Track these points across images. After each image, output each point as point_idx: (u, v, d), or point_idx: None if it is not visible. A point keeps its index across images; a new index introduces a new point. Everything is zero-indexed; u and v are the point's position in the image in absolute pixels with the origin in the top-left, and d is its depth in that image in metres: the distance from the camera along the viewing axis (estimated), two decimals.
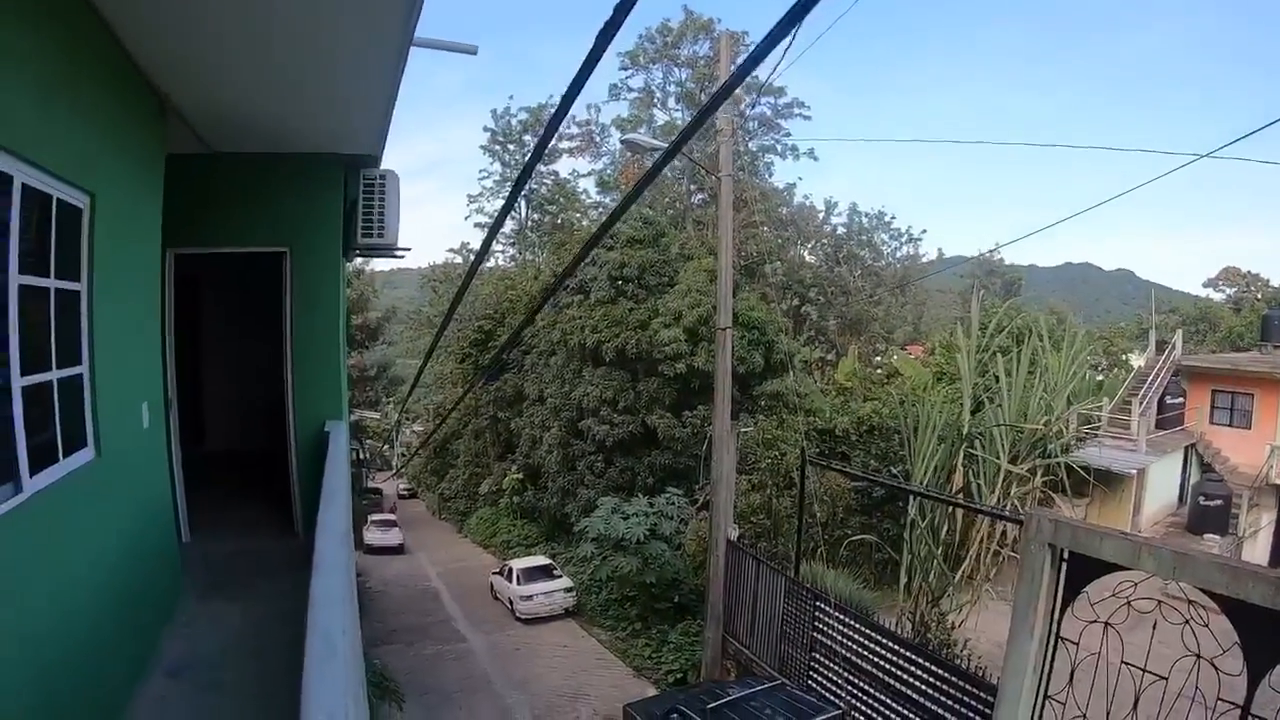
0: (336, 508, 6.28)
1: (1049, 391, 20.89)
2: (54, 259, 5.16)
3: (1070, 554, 10.57)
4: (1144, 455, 29.01)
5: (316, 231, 10.06)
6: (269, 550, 9.68)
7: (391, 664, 20.57)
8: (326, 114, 8.47)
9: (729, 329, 17.14)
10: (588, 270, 32.99)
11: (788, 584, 16.16)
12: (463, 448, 49.81)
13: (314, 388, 10.12)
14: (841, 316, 53.98)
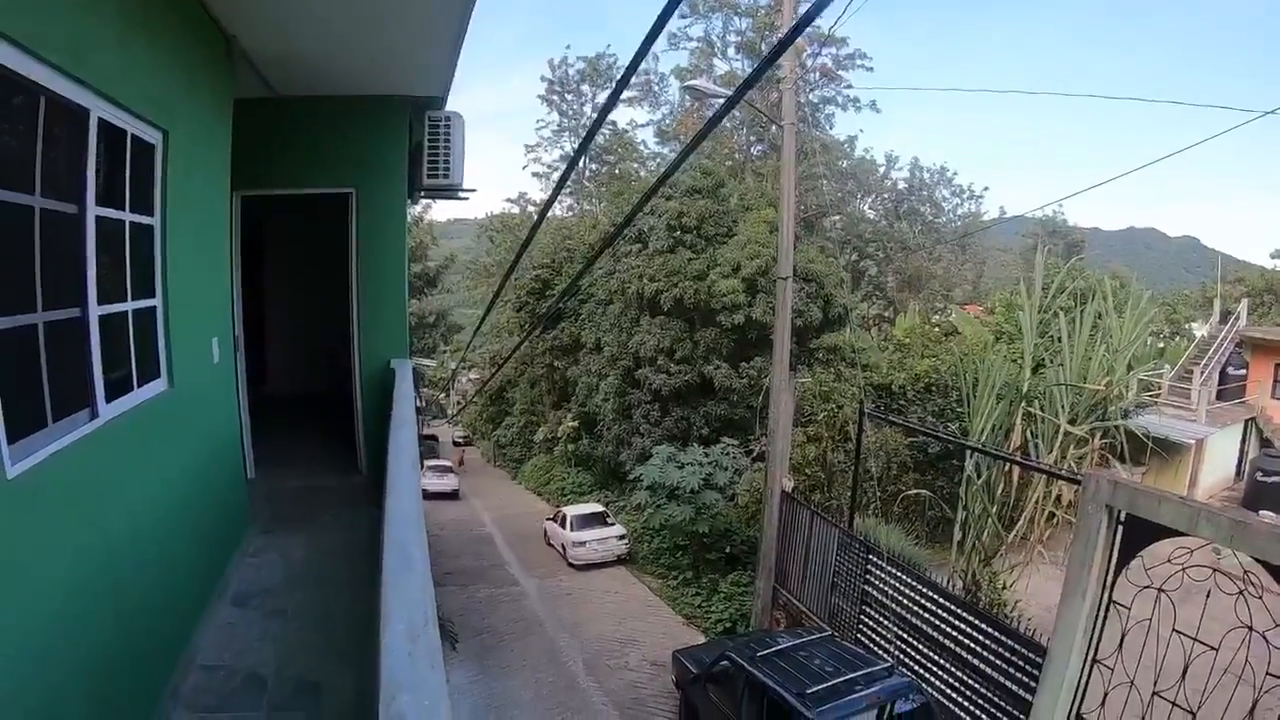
0: (406, 434, 6.43)
1: (1111, 354, 20.61)
2: (128, 193, 5.27)
3: (1127, 517, 10.49)
4: (1203, 426, 28.61)
5: (382, 173, 10.18)
6: (332, 487, 9.91)
7: (446, 605, 20.88)
8: (394, 54, 8.50)
9: (789, 279, 17.06)
10: (646, 220, 32.85)
11: (841, 536, 16.21)
12: (518, 396, 50.11)
13: (378, 327, 10.30)
14: (900, 273, 53.53)
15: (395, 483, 5.21)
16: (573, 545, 26.73)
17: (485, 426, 58.11)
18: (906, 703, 11.47)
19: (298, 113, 9.59)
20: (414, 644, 2.99)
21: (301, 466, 10.55)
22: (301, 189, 10.08)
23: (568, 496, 36.54)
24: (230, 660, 5.99)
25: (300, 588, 7.12)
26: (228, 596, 6.88)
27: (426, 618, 3.25)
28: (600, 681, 17.31)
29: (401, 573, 3.72)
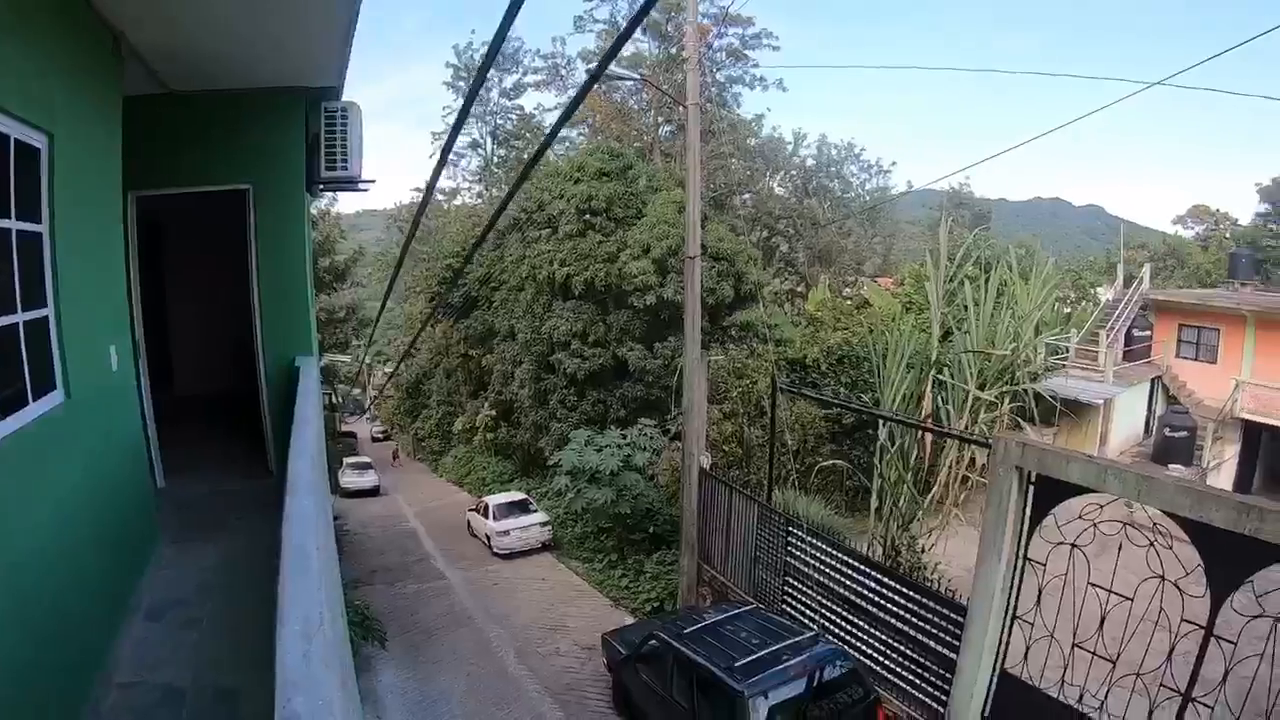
0: (308, 433, 6.32)
1: (1017, 320, 21.05)
2: (14, 201, 5.09)
3: (1037, 477, 10.76)
4: (1111, 386, 29.55)
5: (279, 167, 9.95)
6: (243, 490, 9.70)
7: (374, 603, 20.65)
8: (285, 44, 8.30)
9: (698, 258, 17.10)
10: (555, 204, 32.83)
11: (761, 510, 16.32)
12: (435, 387, 49.78)
13: (282, 324, 10.07)
14: (811, 248, 53.97)
15: (294, 482, 5.13)
16: (496, 535, 26.61)
17: (403, 420, 57.65)
18: (834, 669, 11.60)
19: (191, 109, 9.31)
20: (309, 644, 2.96)
21: (212, 471, 10.31)
22: (197, 187, 9.77)
23: (489, 486, 36.54)
24: (147, 675, 5.86)
25: (213, 597, 6.98)
26: (141, 610, 6.71)
27: (323, 616, 3.21)
28: (533, 669, 17.25)
29: (298, 573, 3.65)
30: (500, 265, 37.83)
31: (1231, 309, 31.47)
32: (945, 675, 12.26)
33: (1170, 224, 74.00)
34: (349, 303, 54.02)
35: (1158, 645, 9.64)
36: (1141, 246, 64.39)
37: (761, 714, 10.70)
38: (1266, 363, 30.00)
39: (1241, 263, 39.71)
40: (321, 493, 5.45)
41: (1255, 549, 8.40)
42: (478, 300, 40.29)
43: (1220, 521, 8.66)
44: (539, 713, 15.32)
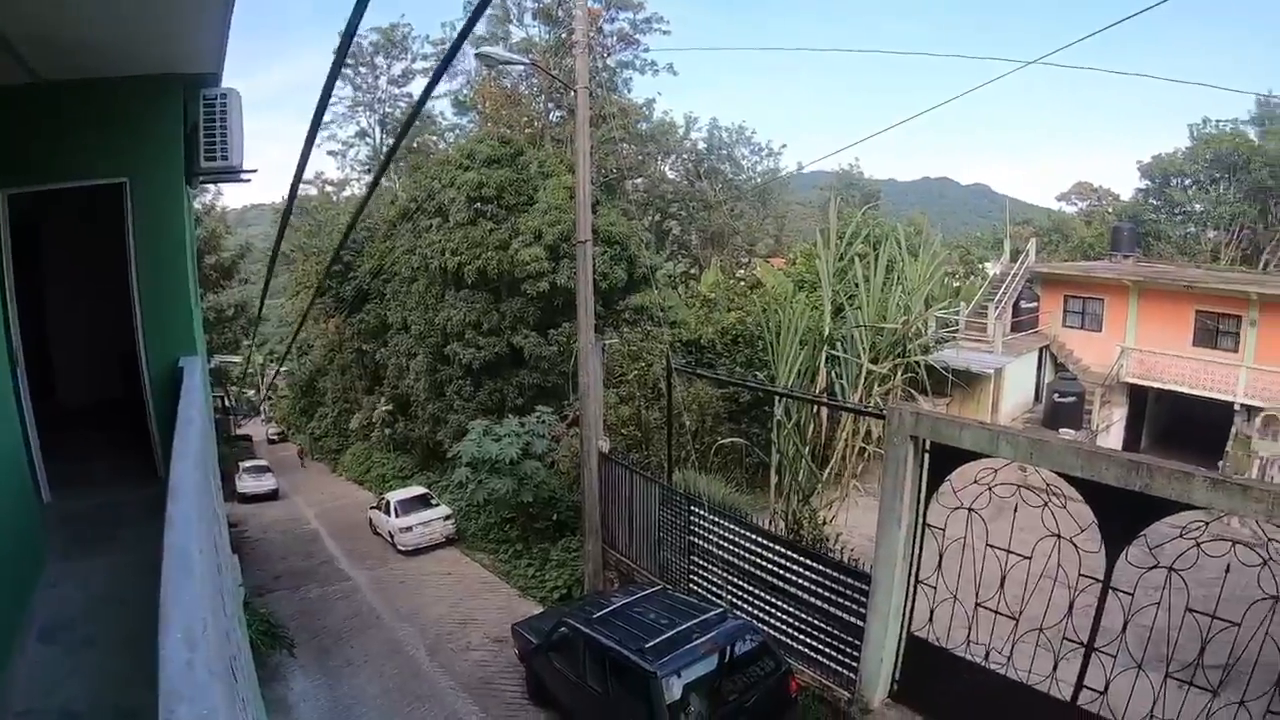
0: (191, 433, 6.09)
1: (907, 294, 21.45)
2: None
3: (932, 445, 11.00)
4: (1000, 356, 30.37)
5: (157, 159, 9.46)
6: (132, 500, 9.29)
7: (279, 610, 20.35)
8: (160, 27, 7.91)
9: (589, 241, 17.02)
10: (446, 192, 32.42)
11: (662, 492, 16.39)
12: (329, 384, 48.93)
13: (165, 323, 9.59)
14: (703, 231, 54.23)
15: (177, 486, 4.90)
16: (399, 531, 26.24)
17: (299, 420, 56.50)
18: (745, 644, 11.76)
19: (63, 98, 8.84)
20: (193, 652, 2.83)
21: (99, 482, 9.85)
22: (71, 182, 9.26)
23: (390, 482, 35.96)
24: (42, 702, 5.56)
25: (108, 613, 6.68)
26: (34, 632, 6.40)
27: (206, 623, 3.07)
28: (445, 666, 17.07)
29: (180, 578, 3.49)
30: (391, 256, 37.22)
31: (1115, 280, 32.83)
32: (854, 642, 12.49)
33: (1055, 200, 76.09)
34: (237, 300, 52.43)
35: (1058, 601, 9.97)
36: (1027, 222, 66.26)
37: (675, 693, 10.75)
38: (1149, 329, 31.36)
39: (1124, 236, 41.13)
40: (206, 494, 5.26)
41: (1146, 504, 8.76)
42: (369, 293, 39.63)
43: (1112, 479, 8.97)
44: (454, 710, 15.14)
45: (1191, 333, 30.32)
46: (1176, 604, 8.67)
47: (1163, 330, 30.85)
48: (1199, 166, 53.94)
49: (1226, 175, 52.29)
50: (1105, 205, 66.76)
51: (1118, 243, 40.54)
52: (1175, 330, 30.54)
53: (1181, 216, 57.11)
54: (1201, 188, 54.95)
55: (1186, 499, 8.54)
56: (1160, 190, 57.08)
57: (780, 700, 11.74)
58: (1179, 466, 8.71)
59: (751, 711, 11.22)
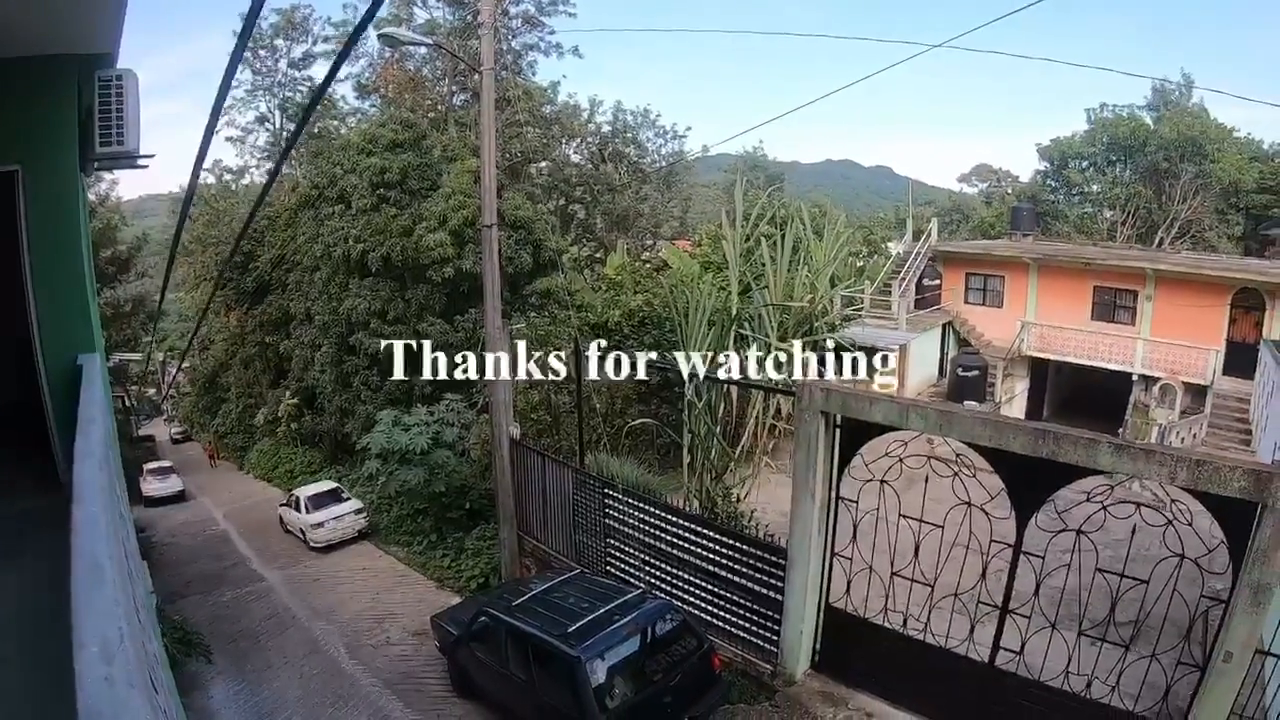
0: (93, 433, 5.80)
1: (812, 273, 21.62)
2: None
3: (843, 419, 11.12)
4: (905, 333, 30.94)
5: (49, 145, 8.92)
6: (35, 508, 8.87)
7: (192, 616, 19.83)
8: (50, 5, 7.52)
9: (494, 226, 16.78)
10: (348, 179, 31.81)
11: (575, 475, 16.29)
12: (233, 379, 47.65)
13: (62, 320, 9.08)
14: (608, 214, 54.10)
15: (80, 489, 4.65)
16: (311, 528, 25.74)
17: (203, 418, 55.15)
18: (665, 623, 11.78)
19: None
20: (110, 665, 2.65)
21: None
22: None
23: (299, 478, 35.34)
24: None
25: (19, 630, 6.35)
26: None
27: (122, 633, 2.87)
28: (365, 663, 16.79)
29: (90, 588, 3.27)
30: (293, 245, 36.44)
31: (1015, 257, 33.82)
32: (774, 616, 12.61)
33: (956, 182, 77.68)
34: (135, 295, 50.89)
35: (971, 567, 10.18)
36: (929, 203, 67.59)
37: (600, 676, 10.75)
38: (1048, 304, 32.54)
39: (1023, 215, 42.13)
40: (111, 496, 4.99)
41: (1053, 470, 9.02)
42: (271, 284, 38.79)
43: (1019, 448, 9.22)
44: (379, 707, 14.90)
45: (1090, 307, 31.55)
46: (1086, 566, 8.95)
47: (1062, 305, 31.96)
48: (1096, 149, 55.71)
49: (1123, 158, 54.11)
50: (1005, 186, 68.61)
51: (1017, 222, 41.56)
52: (1074, 305, 31.68)
53: (1079, 197, 59.01)
54: (1099, 170, 56.74)
55: (1093, 464, 8.79)
56: (1058, 172, 58.77)
57: (703, 677, 11.76)
58: (1085, 433, 8.96)
59: (676, 690, 11.23)
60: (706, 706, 11.68)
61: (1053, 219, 55.09)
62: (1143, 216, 52.36)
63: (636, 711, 10.88)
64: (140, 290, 53.18)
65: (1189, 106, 52.79)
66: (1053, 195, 58.98)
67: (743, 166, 71.57)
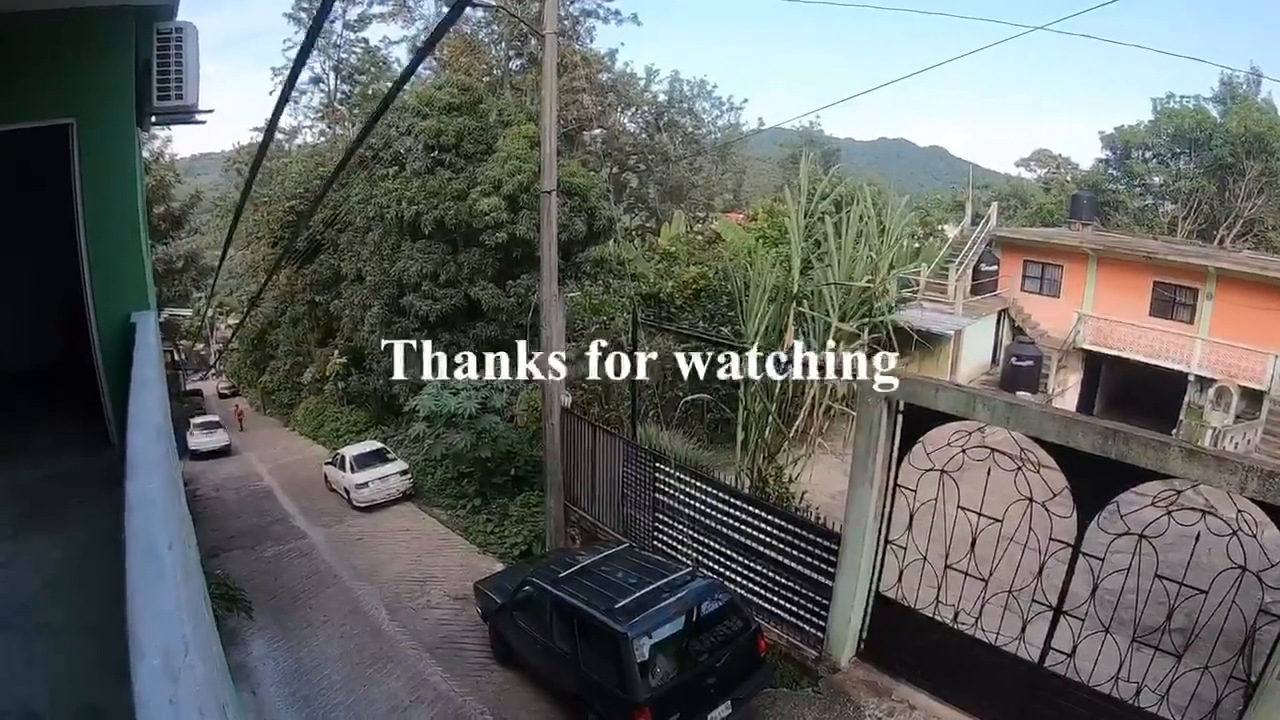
0: (148, 397, 5.60)
1: (875, 254, 21.21)
2: None
3: (906, 406, 10.84)
4: (960, 318, 30.66)
5: (106, 98, 8.72)
6: (83, 470, 8.72)
7: (234, 571, 19.92)
8: None
9: (554, 192, 16.54)
10: (403, 140, 31.69)
11: (626, 447, 16.16)
12: (281, 337, 47.92)
13: (115, 277, 8.95)
14: (661, 184, 53.79)
15: (135, 459, 4.38)
16: (355, 487, 25.74)
17: (250, 374, 55.58)
18: (713, 603, 11.61)
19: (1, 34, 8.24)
20: (175, 684, 2.37)
21: (46, 451, 9.24)
22: (11, 124, 8.60)
23: (344, 437, 35.55)
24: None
25: (63, 597, 6.16)
26: None
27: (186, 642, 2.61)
28: (405, 625, 16.75)
29: (148, 584, 3.00)
30: (346, 206, 36.42)
31: (1075, 247, 33.11)
32: (822, 601, 12.44)
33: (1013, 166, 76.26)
34: (187, 252, 51.28)
35: (1026, 565, 9.94)
36: (985, 186, 66.29)
37: (645, 653, 10.62)
38: (1106, 297, 31.80)
39: (1083, 204, 41.36)
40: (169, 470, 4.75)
41: (1120, 471, 8.72)
42: (323, 244, 38.84)
43: (1087, 446, 8.95)
44: (417, 670, 14.83)
45: (1149, 303, 30.77)
46: (1145, 571, 8.68)
47: (1120, 299, 31.25)
48: (1161, 140, 54.04)
49: (1187, 151, 52.47)
50: (1064, 174, 67.01)
51: (1077, 211, 40.82)
52: (1133, 300, 30.95)
53: (1140, 189, 57.38)
54: (1162, 161, 55.16)
55: (1162, 468, 8.49)
56: (1121, 161, 57.22)
57: (749, 660, 11.60)
58: (1156, 436, 8.69)
59: (720, 671, 11.08)
60: (750, 689, 11.55)
61: (1112, 209, 53.83)
62: (1204, 212, 50.93)
63: (680, 691, 10.75)
64: (192, 247, 53.50)
65: (1256, 100, 51.33)
66: (1114, 185, 57.44)
67: (798, 142, 70.85)
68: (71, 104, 8.41)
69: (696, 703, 10.85)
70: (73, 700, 5.03)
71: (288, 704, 14.15)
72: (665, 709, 10.50)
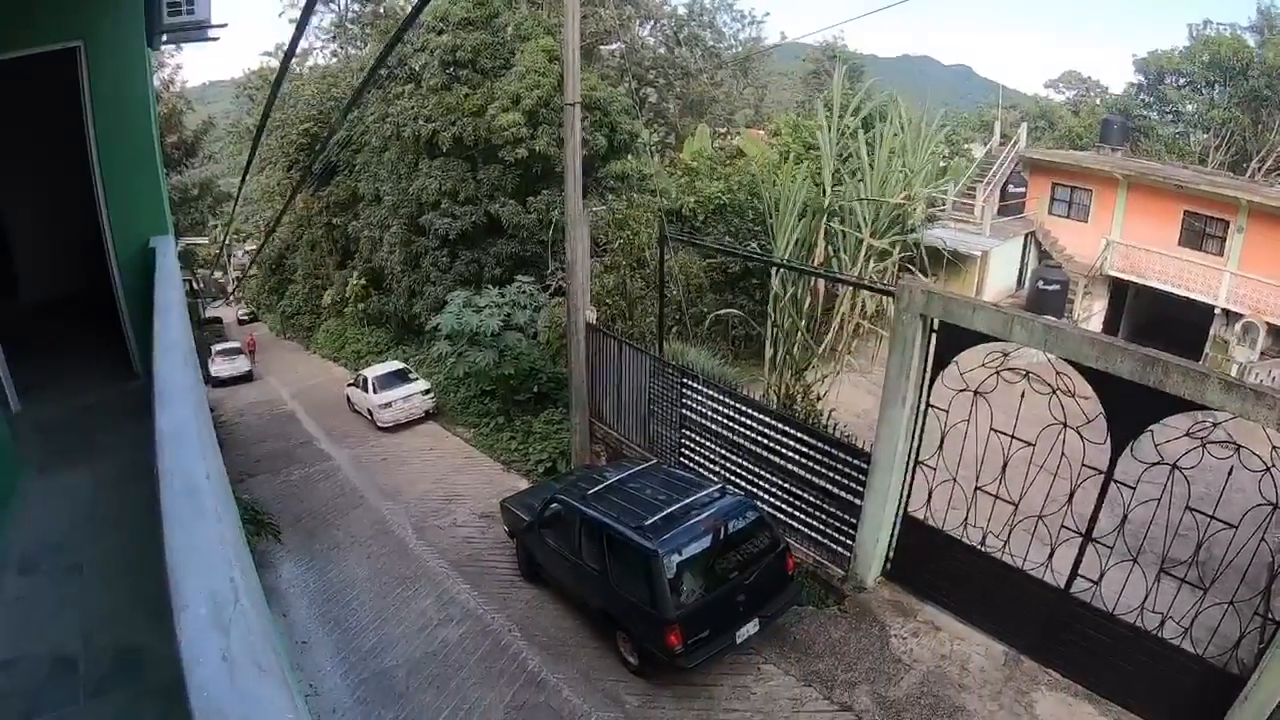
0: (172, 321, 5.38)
1: (908, 171, 20.82)
2: None
3: (941, 324, 10.63)
4: (988, 239, 30.38)
5: (113, 18, 8.23)
6: (109, 400, 8.55)
7: (261, 495, 20.05)
8: None
9: (577, 105, 16.12)
10: (418, 57, 31.11)
11: (652, 363, 15.96)
12: (300, 260, 47.81)
13: (131, 202, 8.67)
14: (682, 99, 52.97)
15: (164, 387, 4.17)
16: (378, 408, 25.86)
17: (269, 299, 55.51)
18: (742, 520, 11.55)
19: None
20: (226, 636, 2.07)
21: (72, 383, 9.03)
22: (15, 50, 8.00)
23: (365, 358, 35.55)
24: (30, 645, 4.90)
25: (92, 534, 6.00)
26: (12, 564, 5.64)
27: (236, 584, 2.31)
28: (432, 544, 16.87)
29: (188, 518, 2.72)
30: (361, 126, 35.94)
31: (1106, 172, 32.26)
32: (849, 520, 12.37)
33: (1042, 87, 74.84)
34: (202, 179, 50.79)
35: (1057, 491, 9.90)
36: (1012, 107, 65.06)
37: (674, 570, 10.63)
38: (1135, 224, 31.18)
39: (1114, 128, 40.38)
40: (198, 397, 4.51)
41: (1157, 400, 8.57)
42: (338, 165, 38.43)
43: (1125, 373, 8.76)
44: (445, 588, 14.96)
45: (1178, 232, 30.12)
46: (1175, 502, 8.54)
47: (1149, 227, 30.61)
48: (1195, 68, 52.46)
49: (1222, 80, 51.02)
50: (1094, 97, 65.62)
51: (1107, 135, 39.80)
52: (1162, 228, 30.30)
53: (1172, 116, 56.04)
54: (1195, 89, 53.61)
55: (1199, 399, 8.33)
56: (1153, 87, 55.68)
57: (777, 577, 11.60)
58: (1194, 365, 8.52)
59: (750, 589, 11.09)
60: (778, 607, 11.56)
61: (1143, 135, 52.58)
62: (1237, 144, 49.57)
63: (710, 608, 10.79)
64: (206, 174, 53.04)
65: None
66: (1145, 111, 56.04)
67: (820, 57, 69.62)
68: (79, 26, 8.07)
69: (725, 620, 10.89)
70: (109, 642, 4.89)
71: (319, 625, 14.37)
72: (694, 626, 10.55)
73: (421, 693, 12.02)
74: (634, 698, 11.32)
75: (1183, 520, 8.54)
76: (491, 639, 13.09)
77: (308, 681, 12.45)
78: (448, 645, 13.13)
